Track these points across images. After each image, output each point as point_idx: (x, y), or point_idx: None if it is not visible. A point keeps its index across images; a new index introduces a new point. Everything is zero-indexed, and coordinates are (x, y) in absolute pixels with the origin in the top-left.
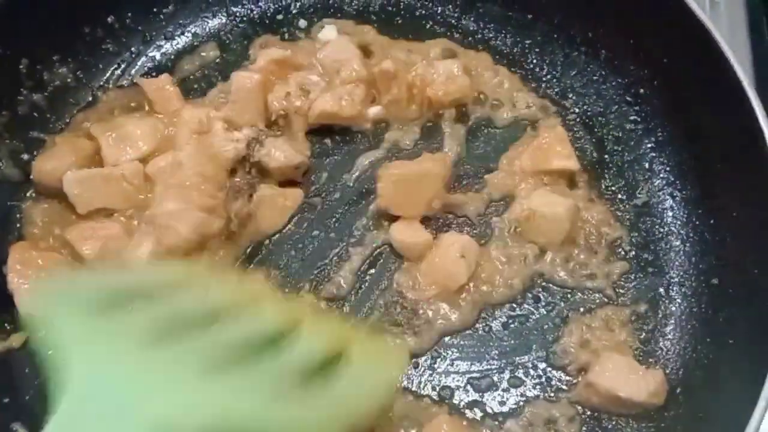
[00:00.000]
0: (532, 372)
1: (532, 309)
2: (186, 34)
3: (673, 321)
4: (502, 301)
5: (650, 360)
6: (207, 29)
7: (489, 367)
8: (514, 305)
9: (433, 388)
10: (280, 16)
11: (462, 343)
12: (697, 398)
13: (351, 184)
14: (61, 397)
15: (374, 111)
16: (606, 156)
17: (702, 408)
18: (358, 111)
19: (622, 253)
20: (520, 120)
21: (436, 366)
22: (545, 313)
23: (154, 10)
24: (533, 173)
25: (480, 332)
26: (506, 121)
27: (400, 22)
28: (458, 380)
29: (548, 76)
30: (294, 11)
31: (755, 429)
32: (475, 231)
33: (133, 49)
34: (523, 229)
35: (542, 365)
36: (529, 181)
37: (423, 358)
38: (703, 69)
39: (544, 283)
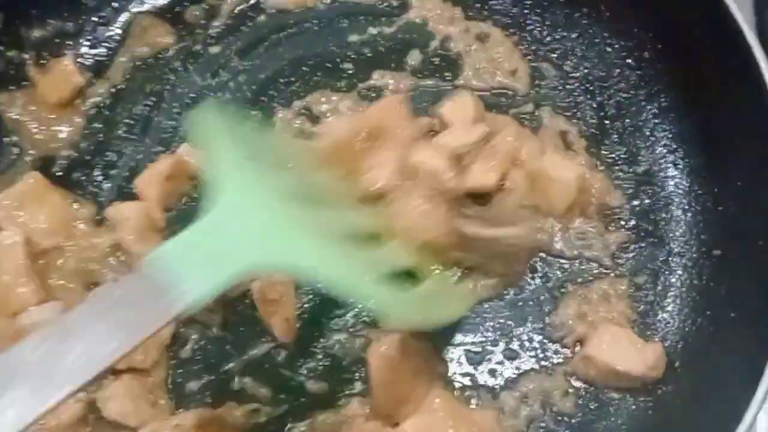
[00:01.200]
0: (527, 344)
1: (528, 279)
2: None
3: (673, 293)
4: None
5: (649, 333)
6: None
7: (483, 338)
8: None
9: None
10: None
11: None
12: (697, 372)
13: None
14: (208, 209)
15: None
16: (607, 122)
17: (702, 382)
18: None
19: (622, 222)
20: None
21: (430, 337)
22: (541, 283)
23: None
24: None
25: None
26: None
27: None
28: (452, 352)
29: (548, 38)
30: None
31: (759, 404)
32: None
33: (114, 4)
34: None
35: (538, 337)
36: None
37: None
38: (710, 33)
39: (540, 253)
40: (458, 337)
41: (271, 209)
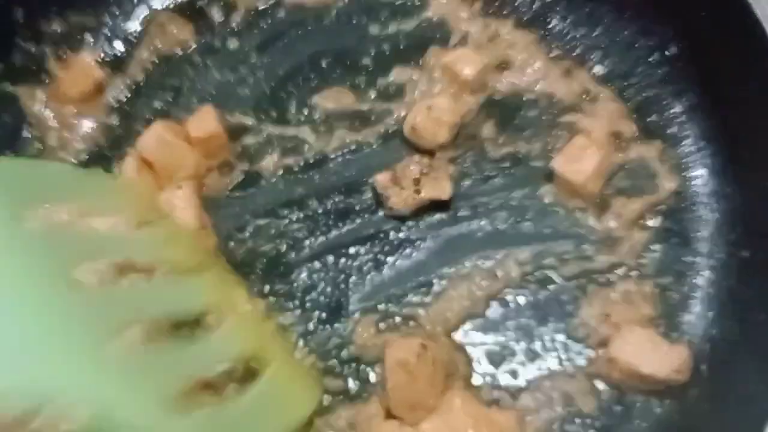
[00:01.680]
0: (549, 345)
1: (550, 279)
2: None
3: (699, 294)
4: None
5: (674, 335)
6: None
7: (504, 338)
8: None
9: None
10: None
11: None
12: (724, 376)
13: None
14: None
15: None
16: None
17: (728, 386)
18: None
19: (646, 222)
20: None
21: (450, 336)
22: (564, 283)
23: None
24: None
25: (495, 302)
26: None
27: None
28: (473, 351)
29: (570, 35)
30: None
31: None
32: None
33: None
34: None
35: (560, 338)
36: None
37: None
38: (735, 30)
39: (564, 252)
40: (479, 337)
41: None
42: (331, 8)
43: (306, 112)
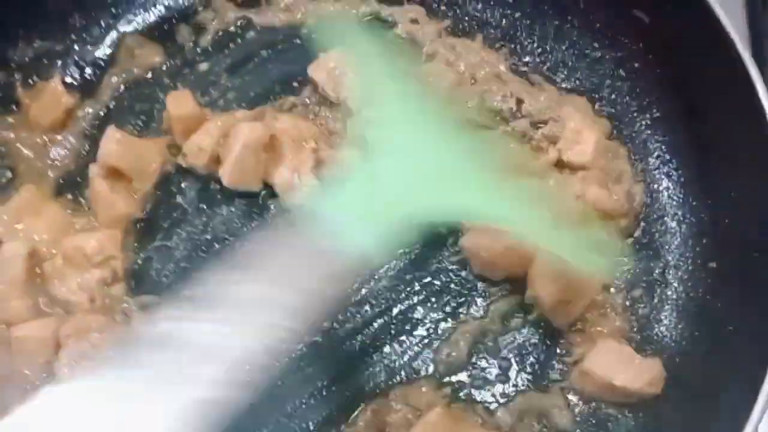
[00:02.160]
0: (523, 359)
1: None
2: (158, 5)
3: (669, 306)
4: None
5: (646, 347)
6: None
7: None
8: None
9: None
10: None
11: None
12: (696, 387)
13: None
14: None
15: None
16: None
17: (701, 396)
18: None
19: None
20: None
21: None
22: None
23: None
24: None
25: None
26: None
27: None
28: None
29: (539, 50)
30: None
31: (757, 419)
32: None
33: (102, 23)
34: None
35: (535, 352)
36: None
37: None
38: (702, 42)
39: None
40: None
41: (430, 148)
42: (302, 28)
43: None
